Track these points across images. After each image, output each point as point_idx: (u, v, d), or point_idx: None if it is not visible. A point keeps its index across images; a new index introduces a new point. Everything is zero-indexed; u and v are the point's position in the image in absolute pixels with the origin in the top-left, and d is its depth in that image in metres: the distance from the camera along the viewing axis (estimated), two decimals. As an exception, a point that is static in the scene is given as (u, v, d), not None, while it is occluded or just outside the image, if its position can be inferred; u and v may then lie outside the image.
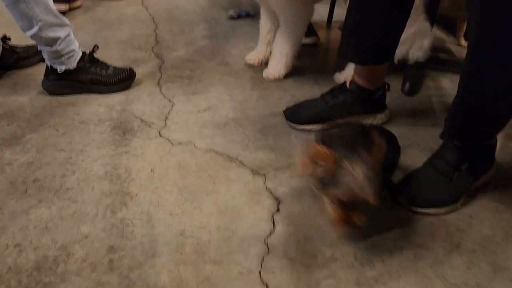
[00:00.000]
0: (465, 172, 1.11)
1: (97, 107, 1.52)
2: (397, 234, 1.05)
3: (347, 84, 1.40)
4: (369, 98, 1.39)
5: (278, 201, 1.15)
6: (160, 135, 1.39)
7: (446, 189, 1.10)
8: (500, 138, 1.21)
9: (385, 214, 1.10)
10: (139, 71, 1.72)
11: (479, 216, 1.10)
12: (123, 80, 1.59)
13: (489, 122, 1.05)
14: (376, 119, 1.43)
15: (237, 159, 1.29)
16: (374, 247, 1.02)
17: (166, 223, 1.08)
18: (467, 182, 1.12)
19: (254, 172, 1.24)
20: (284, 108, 1.47)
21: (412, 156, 1.30)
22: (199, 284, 0.94)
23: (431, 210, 1.09)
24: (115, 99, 1.56)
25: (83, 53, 1.56)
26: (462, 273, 0.96)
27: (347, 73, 1.62)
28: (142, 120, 1.45)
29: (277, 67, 1.69)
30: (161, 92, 1.61)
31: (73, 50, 1.52)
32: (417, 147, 1.35)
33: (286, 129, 1.42)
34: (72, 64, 1.51)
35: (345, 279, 0.95)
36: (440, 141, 1.17)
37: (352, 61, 1.41)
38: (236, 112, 1.50)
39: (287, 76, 1.72)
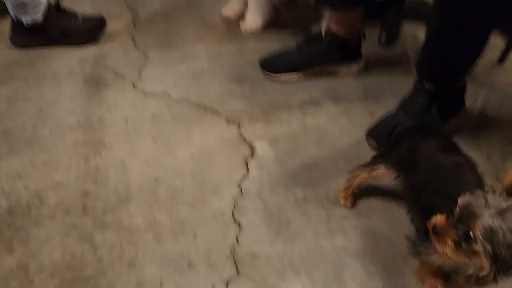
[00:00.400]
0: (435, 114, 1.13)
1: (69, 60, 1.48)
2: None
3: (323, 33, 1.39)
4: (344, 47, 1.38)
5: (252, 147, 1.16)
6: (134, 86, 1.37)
7: (416, 132, 1.12)
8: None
9: (354, 157, 1.12)
10: (113, 25, 1.67)
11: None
12: (93, 29, 1.55)
13: (455, 64, 1.07)
14: (351, 68, 1.43)
15: (212, 108, 1.29)
16: (345, 188, 1.04)
17: (140, 170, 1.08)
18: (437, 124, 1.15)
19: (229, 120, 1.24)
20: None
21: (387, 102, 1.31)
22: (172, 225, 0.95)
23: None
24: (88, 52, 1.53)
25: (49, 4, 1.50)
26: (428, 209, 0.99)
27: (324, 24, 1.60)
28: (115, 73, 1.43)
29: (253, 19, 1.66)
30: (135, 45, 1.57)
31: (38, 0, 1.46)
32: (391, 94, 1.35)
33: (262, 78, 1.42)
34: (38, 15, 1.45)
35: (316, 217, 0.97)
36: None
37: (327, 4, 1.39)
38: (212, 64, 1.48)
39: (264, 29, 1.70)
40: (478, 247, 0.59)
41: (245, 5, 1.74)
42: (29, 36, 1.49)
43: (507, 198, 0.62)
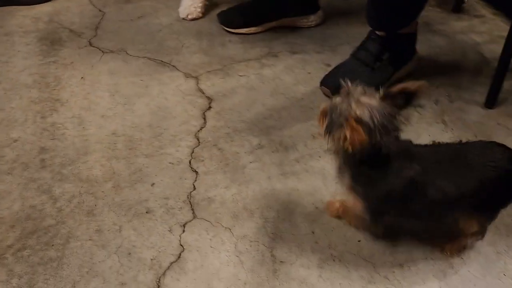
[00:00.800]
0: (386, 62, 1.17)
1: (22, 19, 1.44)
2: (321, 122, 1.12)
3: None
4: (301, -1, 1.39)
5: (209, 99, 1.18)
6: (90, 44, 1.35)
7: (368, 78, 1.15)
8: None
9: (308, 106, 1.16)
10: (67, -18, 1.62)
11: (397, 103, 1.18)
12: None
13: (399, 11, 1.10)
14: (310, 21, 1.44)
15: (170, 63, 1.29)
16: (298, 135, 1.08)
17: (97, 125, 1.09)
18: (388, 71, 1.18)
19: (187, 75, 1.25)
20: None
21: (343, 53, 1.33)
22: (131, 175, 0.98)
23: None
24: (42, 10, 1.49)
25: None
26: (376, 151, 1.05)
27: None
28: (71, 31, 1.40)
29: (191, 5, 1.46)
30: (91, 2, 1.54)
31: None
32: (348, 45, 1.38)
33: (220, 33, 1.42)
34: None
35: (270, 162, 1.01)
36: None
37: None
38: (171, 20, 1.47)
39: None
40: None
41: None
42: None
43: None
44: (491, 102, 1.17)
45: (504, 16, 1.54)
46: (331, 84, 1.16)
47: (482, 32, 1.46)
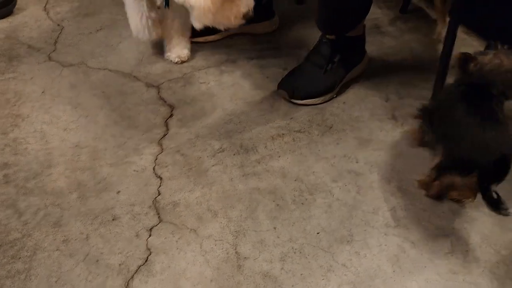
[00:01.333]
0: (338, 64, 1.24)
1: (-22, 36, 1.44)
2: (279, 124, 1.17)
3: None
4: (256, 6, 1.44)
5: (171, 107, 1.21)
6: (50, 58, 1.36)
7: (321, 81, 1.22)
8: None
9: (267, 109, 1.21)
10: (23, -2, 1.62)
11: (350, 102, 1.24)
12: (3, 5, 1.50)
13: (345, 15, 1.17)
14: (266, 27, 1.50)
15: (131, 74, 1.32)
16: (258, 137, 1.13)
17: (60, 138, 1.11)
18: (340, 73, 1.25)
19: (148, 84, 1.28)
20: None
21: (299, 57, 1.39)
22: (96, 184, 1.00)
23: (308, 101, 1.22)
24: (-2, 27, 1.49)
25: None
26: (332, 149, 1.10)
27: None
28: (29, 46, 1.41)
29: (181, 49, 1.38)
30: (49, 17, 1.54)
31: None
32: (303, 49, 1.44)
33: (179, 43, 1.45)
34: None
35: (231, 164, 1.06)
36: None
37: None
38: (130, 31, 1.49)
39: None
40: None
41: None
42: None
43: None
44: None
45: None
46: (287, 87, 1.22)
47: (428, 31, 1.55)
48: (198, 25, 1.09)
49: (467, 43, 1.38)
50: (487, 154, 0.85)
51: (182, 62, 1.38)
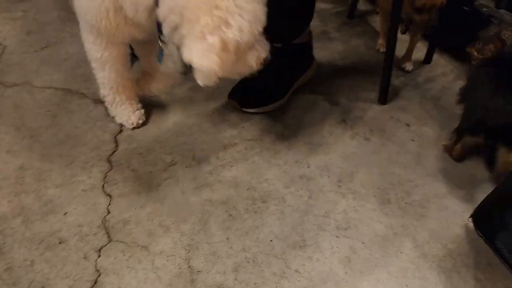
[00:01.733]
0: (287, 71, 1.25)
1: None
2: (231, 134, 1.17)
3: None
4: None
5: (120, 123, 1.19)
6: (-9, 79, 1.31)
7: (271, 88, 1.23)
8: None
9: (219, 119, 1.21)
10: (-37, 17, 1.56)
11: (301, 108, 1.26)
12: None
13: (286, 24, 1.18)
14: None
15: (78, 91, 1.28)
16: (210, 148, 1.12)
17: (3, 161, 1.06)
18: (289, 80, 1.27)
19: (96, 101, 1.25)
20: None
21: (249, 66, 1.41)
22: (41, 207, 0.96)
23: (259, 109, 1.22)
24: None
25: None
26: (283, 155, 1.11)
27: None
28: (-31, 67, 1.35)
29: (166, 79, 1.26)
30: (-10, 36, 1.49)
31: None
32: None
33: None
34: None
35: (183, 177, 1.05)
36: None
37: None
38: (76, 48, 1.46)
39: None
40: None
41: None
42: None
43: None
44: (383, 99, 1.29)
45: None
46: (238, 96, 1.22)
47: (374, 35, 1.60)
48: (202, 85, 0.91)
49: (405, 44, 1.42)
50: (497, 118, 0.97)
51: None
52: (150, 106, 1.24)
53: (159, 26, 0.90)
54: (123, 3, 0.91)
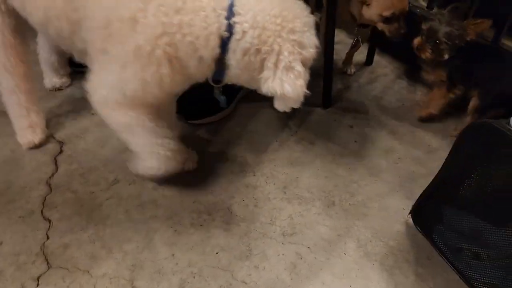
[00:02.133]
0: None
1: None
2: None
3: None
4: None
5: (61, 143, 1.15)
6: None
7: (217, 99, 1.22)
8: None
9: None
10: None
11: (246, 116, 1.26)
12: None
13: None
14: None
15: (15, 113, 1.24)
16: (155, 162, 1.11)
17: None
18: (234, 89, 1.26)
19: (35, 122, 1.21)
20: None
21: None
22: (-26, 239, 0.92)
23: (205, 120, 1.22)
24: None
25: None
26: (229, 165, 1.11)
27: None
28: None
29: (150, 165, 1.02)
30: None
31: None
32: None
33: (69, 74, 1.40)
34: None
35: (127, 195, 1.02)
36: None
37: None
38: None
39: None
40: (442, 46, 1.12)
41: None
42: None
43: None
44: (326, 102, 1.31)
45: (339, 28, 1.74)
46: (183, 109, 1.21)
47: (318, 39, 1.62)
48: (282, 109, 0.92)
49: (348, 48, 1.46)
50: None
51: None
52: (92, 124, 1.21)
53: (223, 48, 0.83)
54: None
